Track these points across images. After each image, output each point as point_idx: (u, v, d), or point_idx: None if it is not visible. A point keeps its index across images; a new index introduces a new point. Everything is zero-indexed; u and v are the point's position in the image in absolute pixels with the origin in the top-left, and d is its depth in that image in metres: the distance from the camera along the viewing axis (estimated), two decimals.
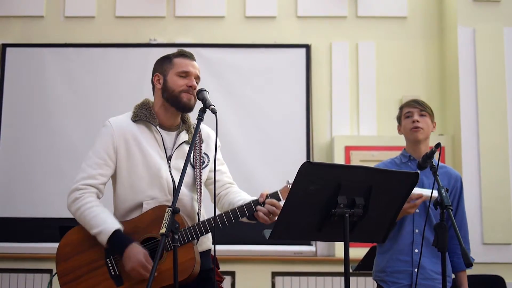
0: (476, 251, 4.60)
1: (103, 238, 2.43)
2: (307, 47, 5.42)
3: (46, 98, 5.33)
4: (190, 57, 2.64)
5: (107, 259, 2.48)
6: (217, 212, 2.53)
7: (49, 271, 4.98)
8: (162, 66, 2.63)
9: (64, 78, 5.36)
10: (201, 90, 2.52)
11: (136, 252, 2.39)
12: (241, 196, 2.61)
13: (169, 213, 2.11)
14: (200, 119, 2.42)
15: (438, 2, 5.55)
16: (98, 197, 2.55)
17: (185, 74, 2.58)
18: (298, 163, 2.12)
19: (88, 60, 5.40)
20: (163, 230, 2.09)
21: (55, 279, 2.62)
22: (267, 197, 2.46)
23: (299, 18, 5.55)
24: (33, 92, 5.35)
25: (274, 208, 2.42)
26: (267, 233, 2.27)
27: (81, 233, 2.52)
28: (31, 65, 5.38)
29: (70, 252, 2.52)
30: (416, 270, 2.88)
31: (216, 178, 2.65)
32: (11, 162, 5.25)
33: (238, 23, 5.54)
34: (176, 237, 2.13)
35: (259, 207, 2.45)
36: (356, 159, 5.10)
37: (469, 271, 3.12)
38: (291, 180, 2.47)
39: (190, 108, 2.59)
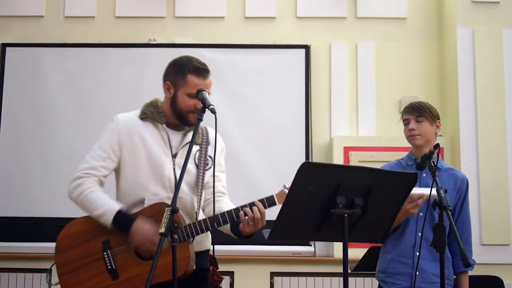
0: (475, 252, 4.54)
1: (108, 218, 2.47)
2: (307, 48, 5.42)
3: (46, 98, 5.32)
4: (205, 75, 2.58)
5: (105, 253, 2.51)
6: (203, 217, 2.57)
7: (48, 270, 4.97)
8: (175, 77, 2.59)
9: (64, 78, 5.35)
10: (200, 90, 2.51)
11: (143, 224, 2.44)
12: (230, 206, 2.62)
13: (169, 213, 2.13)
14: (199, 119, 2.43)
15: (437, 4, 5.55)
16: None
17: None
18: (297, 163, 2.12)
19: (87, 60, 5.39)
20: (162, 230, 2.10)
21: (54, 270, 2.65)
22: (262, 202, 2.48)
23: (298, 18, 5.55)
24: (33, 92, 5.34)
25: (252, 214, 2.44)
26: (266, 233, 2.27)
27: (81, 226, 2.57)
28: (31, 65, 5.38)
29: (69, 244, 2.56)
30: (417, 273, 2.87)
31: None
32: (11, 161, 5.25)
33: (238, 24, 5.54)
34: (175, 236, 2.15)
35: (246, 209, 2.47)
36: (355, 160, 5.10)
37: (468, 272, 3.12)
38: (288, 185, 2.47)
39: (193, 125, 2.59)
